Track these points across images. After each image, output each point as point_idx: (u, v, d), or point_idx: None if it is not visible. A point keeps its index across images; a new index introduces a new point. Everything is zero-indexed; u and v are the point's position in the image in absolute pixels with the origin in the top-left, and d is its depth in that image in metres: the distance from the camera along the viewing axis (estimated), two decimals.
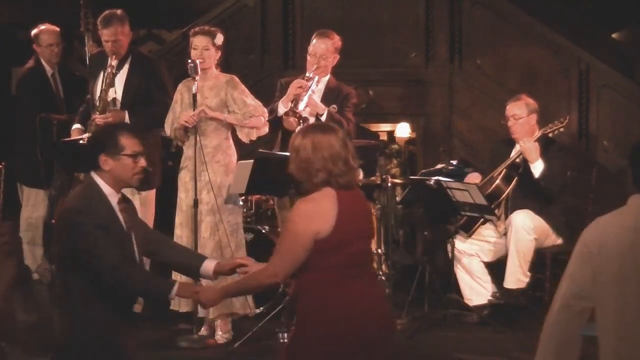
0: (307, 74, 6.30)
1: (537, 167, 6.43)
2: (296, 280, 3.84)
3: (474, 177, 6.65)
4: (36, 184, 7.08)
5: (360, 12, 7.97)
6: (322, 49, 6.36)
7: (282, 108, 6.24)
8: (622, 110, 7.41)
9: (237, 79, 6.24)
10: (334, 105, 6.32)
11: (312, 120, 6.20)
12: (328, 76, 6.44)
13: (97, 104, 6.44)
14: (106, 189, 4.16)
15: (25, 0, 9.44)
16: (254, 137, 6.20)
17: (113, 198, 4.18)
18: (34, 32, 7.22)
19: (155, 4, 9.84)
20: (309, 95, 6.21)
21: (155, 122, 6.50)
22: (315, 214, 3.79)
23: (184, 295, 4.26)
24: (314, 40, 6.42)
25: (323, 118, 6.19)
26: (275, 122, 6.29)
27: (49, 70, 7.25)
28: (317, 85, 6.31)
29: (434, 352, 5.94)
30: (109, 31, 6.45)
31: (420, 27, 7.87)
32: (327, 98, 6.36)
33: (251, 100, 6.17)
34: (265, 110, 6.22)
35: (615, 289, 3.14)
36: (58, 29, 7.25)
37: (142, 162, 4.20)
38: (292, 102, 6.18)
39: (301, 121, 6.06)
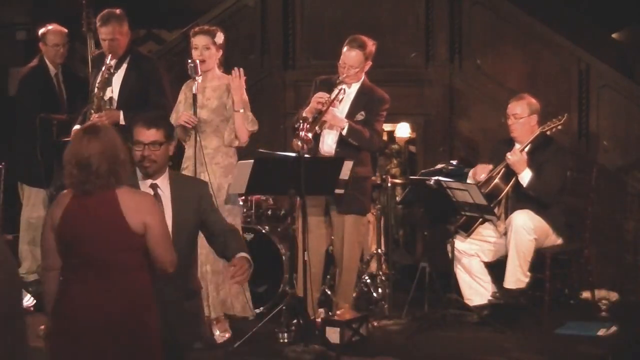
0: (338, 78, 6.22)
1: (525, 177, 6.44)
2: None
3: (482, 167, 6.63)
4: (36, 184, 7.08)
5: (360, 12, 7.96)
6: (351, 59, 6.20)
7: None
8: (622, 110, 7.40)
9: None
10: (362, 112, 6.24)
11: (334, 133, 6.16)
12: (361, 80, 6.32)
13: (93, 103, 6.46)
14: None
15: (25, 0, 9.45)
16: (233, 144, 6.09)
17: None
18: (41, 31, 7.22)
19: (155, 4, 9.85)
20: (330, 110, 6.11)
21: None
22: (55, 204, 3.98)
23: None
24: (345, 49, 6.25)
25: (344, 132, 6.13)
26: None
27: (52, 70, 7.24)
28: (344, 94, 6.18)
29: (434, 352, 5.93)
30: (106, 29, 6.47)
31: (420, 27, 7.86)
32: (358, 102, 6.27)
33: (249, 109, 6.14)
34: (257, 126, 6.15)
35: None
36: (66, 30, 7.25)
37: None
38: (312, 115, 6.08)
39: (308, 141, 5.97)
